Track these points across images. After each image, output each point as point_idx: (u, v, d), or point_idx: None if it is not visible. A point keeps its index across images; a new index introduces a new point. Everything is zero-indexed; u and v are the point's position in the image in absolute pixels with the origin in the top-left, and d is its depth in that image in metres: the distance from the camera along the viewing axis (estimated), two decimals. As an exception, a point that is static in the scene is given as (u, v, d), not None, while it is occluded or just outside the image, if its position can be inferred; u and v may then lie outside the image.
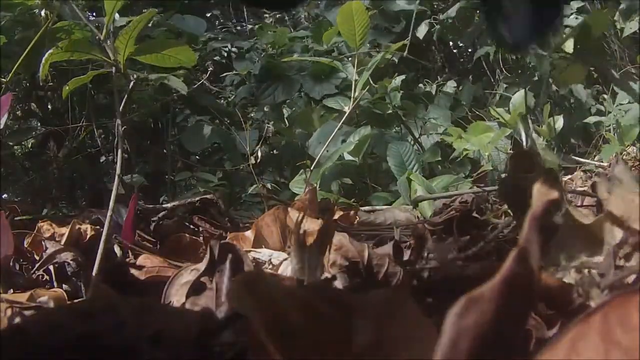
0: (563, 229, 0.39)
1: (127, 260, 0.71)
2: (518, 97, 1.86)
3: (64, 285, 0.63)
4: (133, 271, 0.63)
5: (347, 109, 1.80)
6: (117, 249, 0.75)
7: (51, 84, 2.35)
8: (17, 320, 0.26)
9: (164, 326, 0.26)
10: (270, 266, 0.64)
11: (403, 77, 2.31)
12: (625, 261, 0.36)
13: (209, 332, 0.27)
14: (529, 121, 1.37)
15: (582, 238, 0.39)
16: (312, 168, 1.58)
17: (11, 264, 0.67)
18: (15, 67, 1.12)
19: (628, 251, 0.36)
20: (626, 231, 0.36)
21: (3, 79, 1.82)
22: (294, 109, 2.60)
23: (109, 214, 0.67)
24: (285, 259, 0.62)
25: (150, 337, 0.26)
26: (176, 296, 0.46)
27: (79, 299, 0.60)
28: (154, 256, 0.67)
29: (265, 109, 2.79)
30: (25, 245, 0.73)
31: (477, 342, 0.20)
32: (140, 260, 0.66)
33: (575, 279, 0.34)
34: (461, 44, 3.68)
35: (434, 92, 2.74)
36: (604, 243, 0.37)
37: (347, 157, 1.88)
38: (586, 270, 0.36)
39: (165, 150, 2.80)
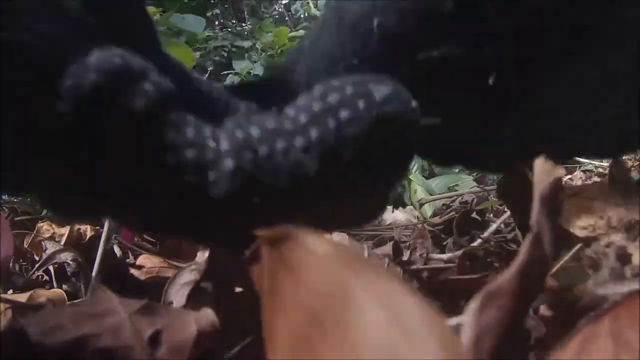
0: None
1: (127, 260, 0.71)
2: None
3: (64, 286, 0.63)
4: (133, 271, 0.63)
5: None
6: (117, 250, 0.75)
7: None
8: (17, 320, 0.26)
9: (162, 326, 0.26)
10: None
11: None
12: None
13: (208, 332, 0.27)
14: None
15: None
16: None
17: (11, 264, 0.67)
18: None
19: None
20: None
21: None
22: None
23: (108, 214, 0.67)
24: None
25: (149, 337, 0.26)
26: (176, 296, 0.46)
27: (79, 299, 0.60)
28: (154, 256, 0.67)
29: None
30: (25, 246, 0.73)
31: (499, 339, 0.19)
32: (140, 261, 0.66)
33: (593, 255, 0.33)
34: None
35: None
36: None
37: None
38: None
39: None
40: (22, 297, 0.51)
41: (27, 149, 0.25)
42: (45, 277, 0.65)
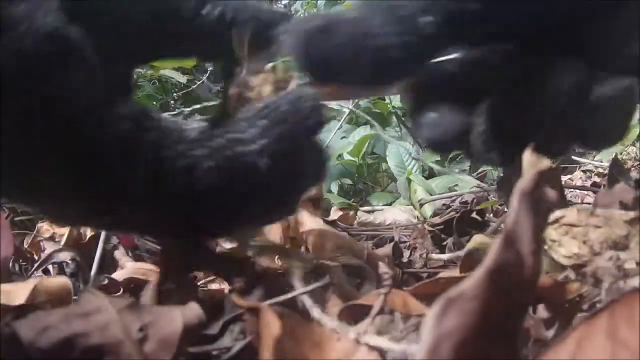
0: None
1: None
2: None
3: (63, 286, 0.63)
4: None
5: (346, 109, 1.80)
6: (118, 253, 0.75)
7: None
8: (9, 322, 0.27)
9: (149, 322, 0.26)
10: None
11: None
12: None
13: (194, 326, 0.27)
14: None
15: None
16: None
17: (11, 264, 0.67)
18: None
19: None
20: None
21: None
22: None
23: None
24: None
25: (136, 332, 0.26)
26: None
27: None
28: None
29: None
30: (25, 246, 0.73)
31: (461, 346, 0.19)
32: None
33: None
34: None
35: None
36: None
37: (347, 157, 1.88)
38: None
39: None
40: (19, 298, 0.50)
41: None
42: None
